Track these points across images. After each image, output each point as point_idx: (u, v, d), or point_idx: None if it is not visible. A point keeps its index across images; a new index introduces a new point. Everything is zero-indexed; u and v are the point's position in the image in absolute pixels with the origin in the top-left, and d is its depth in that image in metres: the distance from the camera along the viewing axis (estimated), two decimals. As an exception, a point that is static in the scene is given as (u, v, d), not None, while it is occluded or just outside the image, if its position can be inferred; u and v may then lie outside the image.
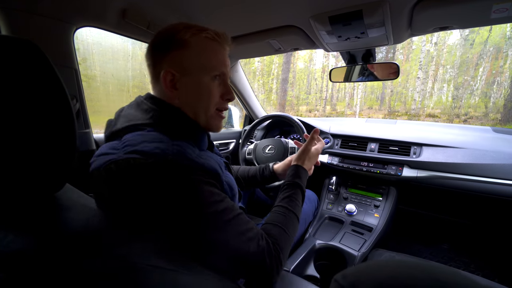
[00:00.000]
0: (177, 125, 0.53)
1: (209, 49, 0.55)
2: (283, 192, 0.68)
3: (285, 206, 0.63)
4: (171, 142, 0.47)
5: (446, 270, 0.22)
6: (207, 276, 0.39)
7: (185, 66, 0.53)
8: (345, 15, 0.71)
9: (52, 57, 0.69)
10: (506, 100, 10.39)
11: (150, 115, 0.52)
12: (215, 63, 0.55)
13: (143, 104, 0.55)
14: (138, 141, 0.46)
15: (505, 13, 0.63)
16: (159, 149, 0.44)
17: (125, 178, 0.42)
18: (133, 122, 0.51)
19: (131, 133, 0.49)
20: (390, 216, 1.15)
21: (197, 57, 0.54)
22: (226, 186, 0.54)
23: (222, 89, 0.58)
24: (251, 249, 0.46)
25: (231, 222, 0.46)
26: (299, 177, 0.72)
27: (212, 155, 0.55)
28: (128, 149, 0.44)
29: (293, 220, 0.61)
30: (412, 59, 15.82)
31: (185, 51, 0.53)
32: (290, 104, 16.47)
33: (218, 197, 0.47)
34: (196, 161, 0.47)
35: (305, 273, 0.86)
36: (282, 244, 0.53)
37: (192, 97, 0.55)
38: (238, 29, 0.94)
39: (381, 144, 1.20)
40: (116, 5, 0.74)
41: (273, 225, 0.57)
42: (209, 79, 0.55)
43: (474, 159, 0.99)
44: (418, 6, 0.66)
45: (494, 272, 1.14)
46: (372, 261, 0.28)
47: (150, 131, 0.49)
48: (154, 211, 0.41)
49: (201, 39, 0.54)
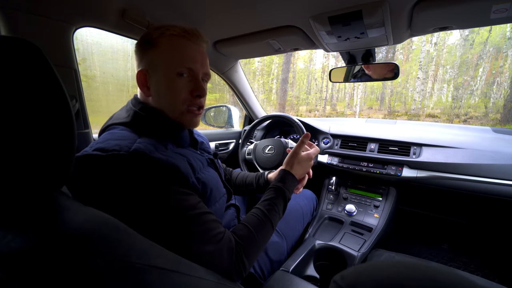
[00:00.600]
0: (148, 123, 0.55)
1: (175, 46, 0.55)
2: (266, 195, 0.67)
3: (263, 210, 0.61)
4: (135, 140, 0.49)
5: (444, 270, 0.22)
6: (206, 277, 0.38)
7: (154, 65, 0.55)
8: (344, 16, 0.71)
9: (52, 57, 0.70)
10: (506, 100, 10.39)
11: (128, 114, 0.56)
12: (180, 59, 0.55)
13: (128, 105, 0.59)
14: (105, 138, 0.49)
15: (505, 14, 0.63)
16: (118, 146, 0.46)
17: (83, 172, 0.45)
18: (114, 121, 0.55)
19: (106, 132, 0.53)
20: (390, 216, 1.15)
21: (163, 55, 0.54)
22: (196, 183, 0.53)
23: (192, 85, 0.57)
24: (207, 249, 0.47)
25: (186, 221, 0.47)
26: (283, 182, 0.69)
27: (186, 152, 0.57)
28: (94, 146, 0.47)
29: (266, 226, 0.60)
30: (412, 59, 15.83)
31: (154, 50, 0.55)
32: (290, 104, 16.49)
33: (177, 195, 0.47)
34: (154, 157, 0.47)
35: (305, 273, 0.86)
36: (248, 247, 0.53)
37: (160, 95, 0.56)
38: (237, 29, 0.94)
39: (381, 144, 1.20)
40: (116, 5, 0.74)
41: (244, 227, 0.57)
42: (174, 75, 0.55)
43: (473, 159, 0.99)
44: (417, 6, 0.66)
45: (494, 272, 1.14)
46: (371, 262, 0.29)
47: (122, 130, 0.52)
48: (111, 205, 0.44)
49: (167, 37, 0.55)
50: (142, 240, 0.34)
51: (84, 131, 0.82)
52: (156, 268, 0.30)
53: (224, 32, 0.97)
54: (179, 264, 0.35)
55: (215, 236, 0.49)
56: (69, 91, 0.76)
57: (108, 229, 0.31)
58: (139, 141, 0.49)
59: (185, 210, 0.47)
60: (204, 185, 0.56)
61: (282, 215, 0.66)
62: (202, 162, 0.60)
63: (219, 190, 0.64)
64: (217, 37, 1.03)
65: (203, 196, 0.56)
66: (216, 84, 10.91)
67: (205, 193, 0.57)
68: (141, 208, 0.45)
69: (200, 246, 0.47)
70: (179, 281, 0.32)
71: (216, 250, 0.48)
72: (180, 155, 0.53)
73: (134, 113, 0.55)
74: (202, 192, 0.56)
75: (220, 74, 1.39)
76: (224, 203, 0.69)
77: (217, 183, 0.63)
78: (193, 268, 0.37)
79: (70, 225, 0.29)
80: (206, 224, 0.49)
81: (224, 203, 0.70)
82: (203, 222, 0.49)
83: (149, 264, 0.30)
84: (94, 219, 0.31)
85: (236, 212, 0.81)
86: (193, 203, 0.49)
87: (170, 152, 0.52)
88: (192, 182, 0.52)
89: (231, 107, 1.75)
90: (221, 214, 0.69)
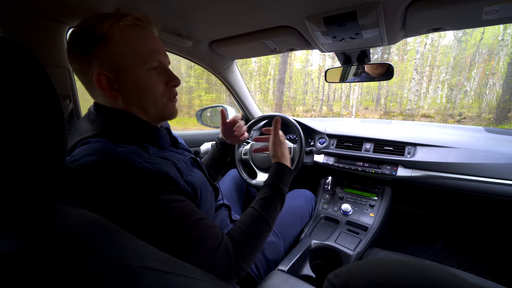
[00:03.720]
0: (122, 130, 0.50)
1: (134, 38, 0.49)
2: (261, 193, 0.65)
3: (258, 211, 0.60)
4: (114, 151, 0.44)
5: (436, 268, 0.22)
6: (201, 278, 0.38)
7: (116, 64, 0.48)
8: (339, 16, 0.72)
9: (44, 56, 0.69)
10: (499, 101, 10.56)
11: (95, 125, 0.50)
12: (147, 53, 0.50)
13: (91, 115, 0.52)
14: (81, 154, 0.44)
15: (496, 15, 0.64)
16: (96, 163, 0.42)
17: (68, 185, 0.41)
18: (83, 135, 0.49)
19: (78, 148, 0.47)
20: (385, 216, 1.15)
21: (125, 51, 0.48)
22: (186, 187, 0.51)
23: (164, 76, 0.54)
24: (205, 256, 0.46)
25: (187, 229, 0.45)
26: (278, 177, 0.67)
27: (171, 155, 0.53)
28: (72, 165, 0.43)
29: (263, 226, 0.58)
30: (407, 60, 16.00)
31: (109, 47, 0.47)
32: (287, 104, 16.53)
33: (170, 204, 0.45)
34: (140, 167, 0.43)
35: (301, 273, 0.86)
36: (244, 251, 0.52)
37: (134, 95, 0.51)
38: (233, 30, 0.94)
39: (376, 144, 1.21)
40: (109, 4, 0.73)
41: (239, 229, 0.55)
42: (145, 71, 0.50)
43: (467, 159, 1.00)
44: (411, 7, 0.67)
45: (487, 270, 1.15)
46: (363, 260, 0.29)
47: (97, 142, 0.46)
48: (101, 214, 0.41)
49: (121, 29, 0.47)
50: (136, 241, 0.33)
51: (78, 131, 0.81)
52: (151, 270, 0.30)
53: (220, 32, 0.97)
54: (174, 265, 0.35)
55: (212, 243, 0.48)
56: (63, 91, 0.75)
57: (101, 230, 0.31)
58: (119, 151, 0.44)
59: (180, 219, 0.45)
60: (193, 187, 0.54)
61: (280, 211, 0.65)
62: (187, 163, 0.58)
63: (207, 190, 0.62)
64: (213, 37, 1.02)
65: (194, 199, 0.54)
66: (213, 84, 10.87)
67: (196, 196, 0.55)
68: (135, 221, 0.42)
69: (198, 253, 0.46)
70: (174, 282, 0.32)
71: (214, 256, 0.47)
72: (165, 160, 0.50)
73: (103, 122, 0.49)
74: (193, 195, 0.54)
75: (216, 74, 1.38)
76: (213, 201, 0.68)
77: (204, 182, 0.61)
78: (188, 269, 0.37)
79: (61, 227, 0.28)
80: (203, 230, 0.48)
81: (214, 202, 0.69)
82: (200, 229, 0.47)
83: (144, 266, 0.30)
84: (86, 220, 0.31)
85: (228, 211, 0.81)
86: (188, 210, 0.47)
87: (154, 158, 0.48)
88: (183, 186, 0.50)
89: (227, 107, 1.74)
90: (212, 213, 0.68)
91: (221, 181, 1.21)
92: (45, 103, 0.28)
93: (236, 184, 1.18)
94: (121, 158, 0.43)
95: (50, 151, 0.29)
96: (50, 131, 0.29)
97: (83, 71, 0.50)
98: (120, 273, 0.27)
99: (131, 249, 0.31)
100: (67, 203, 0.34)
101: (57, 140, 0.30)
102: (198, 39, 1.02)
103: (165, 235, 0.44)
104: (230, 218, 0.80)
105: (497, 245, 1.20)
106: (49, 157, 0.29)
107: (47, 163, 0.29)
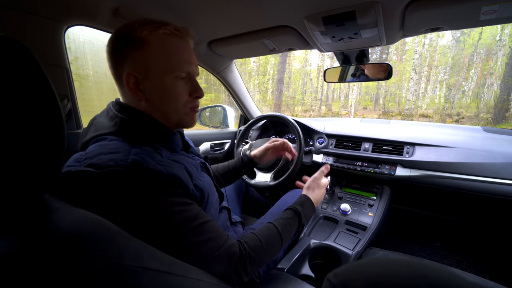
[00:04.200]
0: (139, 131, 0.51)
1: (170, 47, 0.51)
2: (283, 213, 0.70)
3: (276, 227, 0.63)
4: (129, 151, 0.45)
5: (435, 267, 0.22)
6: (200, 278, 0.38)
7: (146, 67, 0.50)
8: (338, 16, 0.72)
9: (43, 56, 0.69)
10: (496, 100, 10.61)
11: (114, 122, 0.51)
12: (178, 62, 0.52)
13: (110, 111, 0.53)
14: (95, 153, 0.45)
15: (494, 15, 0.64)
16: (113, 161, 0.43)
17: (76, 188, 0.42)
18: (99, 131, 0.50)
19: (94, 144, 0.48)
20: (384, 215, 1.16)
21: (158, 57, 0.50)
22: (195, 191, 0.52)
23: (190, 87, 0.55)
24: (210, 259, 0.47)
25: (192, 232, 0.47)
26: (302, 207, 0.73)
27: (182, 158, 0.54)
28: (87, 162, 0.44)
29: (277, 244, 0.61)
30: (406, 60, 16.04)
31: (144, 51, 0.50)
32: (286, 104, 16.54)
33: (178, 207, 0.46)
34: (153, 169, 0.45)
35: (300, 272, 0.86)
36: (255, 258, 0.54)
37: (158, 99, 0.53)
38: (232, 29, 0.94)
39: (375, 143, 1.21)
40: (108, 4, 0.73)
41: (256, 238, 0.57)
42: (173, 79, 0.52)
43: (465, 158, 1.00)
44: (409, 7, 0.67)
45: (486, 269, 1.16)
46: (362, 260, 0.29)
47: (112, 140, 0.48)
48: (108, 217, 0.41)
49: (160, 36, 0.50)
50: (135, 241, 0.33)
51: (77, 131, 0.81)
52: (150, 270, 0.30)
53: (219, 32, 0.97)
54: (173, 265, 0.35)
55: (216, 244, 0.49)
56: (60, 91, 0.75)
57: (99, 230, 0.31)
58: (134, 152, 0.46)
59: (186, 221, 0.47)
60: (201, 191, 0.55)
61: (292, 238, 0.71)
62: (196, 167, 0.59)
63: (214, 195, 0.63)
64: (211, 36, 1.02)
65: (201, 203, 0.55)
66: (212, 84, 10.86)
67: (203, 200, 0.56)
68: (142, 221, 0.43)
69: (201, 255, 0.47)
70: (173, 282, 0.32)
71: (216, 257, 0.48)
72: (177, 163, 0.51)
73: (121, 121, 0.51)
74: (201, 199, 0.55)
75: (215, 74, 1.38)
76: (217, 206, 0.69)
77: (211, 187, 0.62)
78: (187, 269, 0.37)
79: (59, 227, 0.28)
80: (208, 233, 0.49)
81: (218, 207, 0.70)
82: (205, 232, 0.49)
83: (143, 266, 0.30)
84: (85, 220, 0.30)
85: (228, 214, 0.82)
86: (194, 213, 0.49)
87: (166, 160, 0.50)
88: (192, 190, 0.51)
89: (226, 107, 1.74)
90: (217, 217, 0.69)
91: None
92: (44, 103, 0.28)
93: (236, 184, 1.18)
94: (135, 159, 0.44)
95: (49, 150, 0.29)
96: (48, 131, 0.29)
97: (116, 68, 0.52)
98: (119, 273, 0.27)
99: (130, 249, 0.31)
100: (67, 203, 0.33)
101: (57, 140, 0.30)
102: (197, 38, 1.02)
103: (170, 237, 0.45)
104: (230, 221, 0.80)
105: (495, 244, 1.21)
106: (48, 156, 0.29)
107: (46, 162, 0.29)
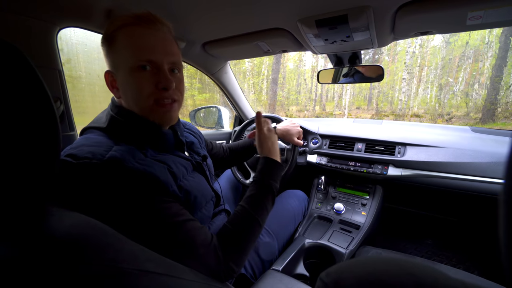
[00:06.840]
0: (125, 129, 0.52)
1: (130, 37, 0.49)
2: (250, 190, 0.63)
3: (247, 208, 0.58)
4: (111, 147, 0.46)
5: (420, 265, 0.24)
6: (196, 279, 0.39)
7: (116, 63, 0.51)
8: (331, 19, 0.73)
9: (35, 58, 0.68)
10: (485, 101, 10.88)
11: (106, 118, 0.53)
12: (137, 51, 0.49)
13: (108, 108, 0.56)
14: (79, 144, 0.46)
15: (479, 20, 0.67)
16: (91, 154, 0.43)
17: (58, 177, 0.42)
18: (92, 124, 0.53)
19: (83, 135, 0.51)
20: (377, 214, 1.18)
21: (122, 50, 0.49)
22: (177, 192, 0.51)
23: (156, 78, 0.51)
24: (191, 256, 0.46)
25: (168, 230, 0.46)
26: (266, 173, 0.65)
27: (168, 158, 0.53)
28: (68, 150, 0.45)
29: (253, 225, 0.56)
30: (398, 61, 16.30)
31: (114, 47, 0.50)
32: (280, 104, 16.59)
33: (153, 205, 0.45)
34: (129, 167, 0.44)
35: (295, 272, 0.87)
36: (232, 251, 0.52)
37: (126, 94, 0.52)
38: (226, 31, 0.94)
39: (367, 144, 1.24)
40: (101, 6, 0.72)
41: (228, 229, 0.54)
42: (134, 69, 0.49)
43: (454, 158, 1.03)
44: (399, 12, 0.69)
45: (474, 265, 1.19)
46: (354, 259, 0.30)
47: (99, 135, 0.50)
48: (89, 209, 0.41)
49: (123, 29, 0.49)
50: (131, 244, 0.34)
51: (69, 133, 0.80)
52: (146, 272, 0.30)
53: (213, 33, 0.97)
54: (169, 267, 0.35)
55: (199, 243, 0.48)
56: (53, 93, 0.74)
57: (95, 233, 0.31)
58: (115, 149, 0.46)
59: (165, 219, 0.46)
60: (187, 192, 0.53)
61: (271, 208, 0.62)
62: (187, 168, 0.57)
63: (204, 196, 0.60)
64: (206, 38, 1.02)
65: (186, 203, 0.53)
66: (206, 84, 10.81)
67: (188, 201, 0.54)
68: (117, 217, 0.43)
69: (185, 254, 0.46)
70: (169, 284, 0.33)
71: (202, 256, 0.47)
72: (159, 163, 0.50)
73: (111, 118, 0.52)
74: (185, 199, 0.53)
75: (210, 75, 1.38)
76: (211, 208, 0.67)
77: (202, 188, 0.60)
78: (183, 271, 0.37)
79: (56, 231, 0.28)
80: (189, 231, 0.48)
81: (212, 208, 0.67)
82: (186, 230, 0.47)
83: (139, 269, 0.30)
84: (81, 224, 0.31)
85: (227, 216, 0.81)
86: (173, 211, 0.47)
87: (149, 160, 0.49)
88: (173, 191, 0.50)
89: (221, 108, 1.74)
90: (208, 220, 0.66)
91: (217, 182, 1.21)
92: (37, 105, 0.28)
93: (232, 184, 1.18)
94: (114, 155, 0.44)
95: (44, 153, 0.29)
96: (42, 133, 0.29)
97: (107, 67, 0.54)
98: (115, 276, 0.28)
99: (126, 251, 0.31)
100: (62, 207, 0.33)
101: (51, 142, 0.30)
102: (191, 40, 1.02)
103: (148, 235, 0.44)
104: None
105: (482, 241, 1.25)
106: (43, 159, 0.29)
107: (41, 164, 0.29)
